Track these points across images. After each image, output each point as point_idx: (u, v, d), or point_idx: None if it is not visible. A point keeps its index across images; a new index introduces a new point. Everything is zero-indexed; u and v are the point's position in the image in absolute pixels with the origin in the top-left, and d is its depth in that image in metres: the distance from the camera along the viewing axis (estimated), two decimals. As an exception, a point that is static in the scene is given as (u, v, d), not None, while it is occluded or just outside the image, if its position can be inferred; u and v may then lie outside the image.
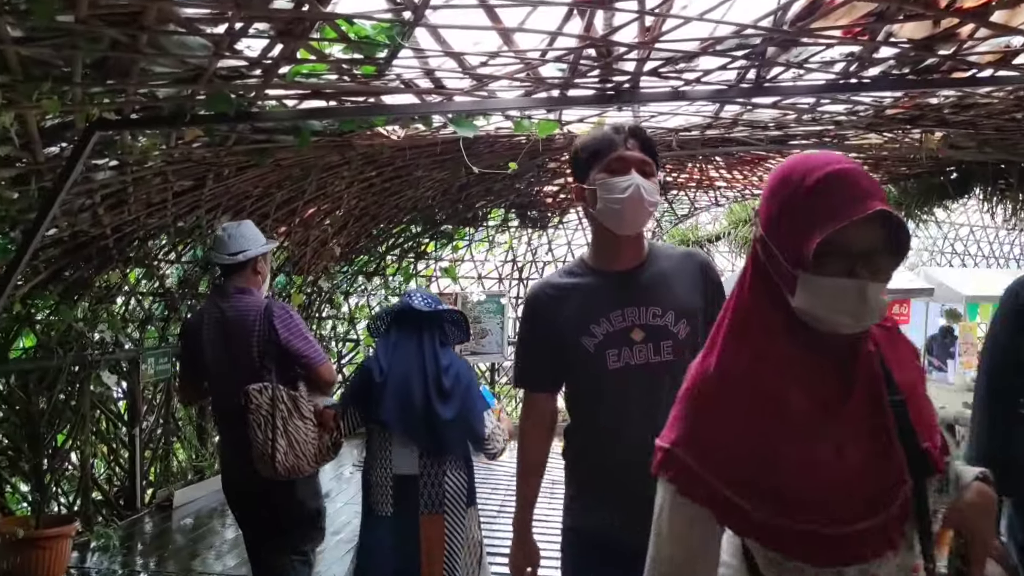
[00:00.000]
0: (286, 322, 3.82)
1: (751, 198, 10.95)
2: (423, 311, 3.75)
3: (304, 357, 3.85)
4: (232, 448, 3.86)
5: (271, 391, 3.68)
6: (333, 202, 8.87)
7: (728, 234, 11.52)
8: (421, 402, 3.60)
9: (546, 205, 11.67)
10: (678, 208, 12.19)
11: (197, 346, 3.90)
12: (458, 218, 11.29)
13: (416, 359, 3.68)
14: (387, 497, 3.63)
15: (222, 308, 3.87)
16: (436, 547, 3.59)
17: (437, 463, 3.64)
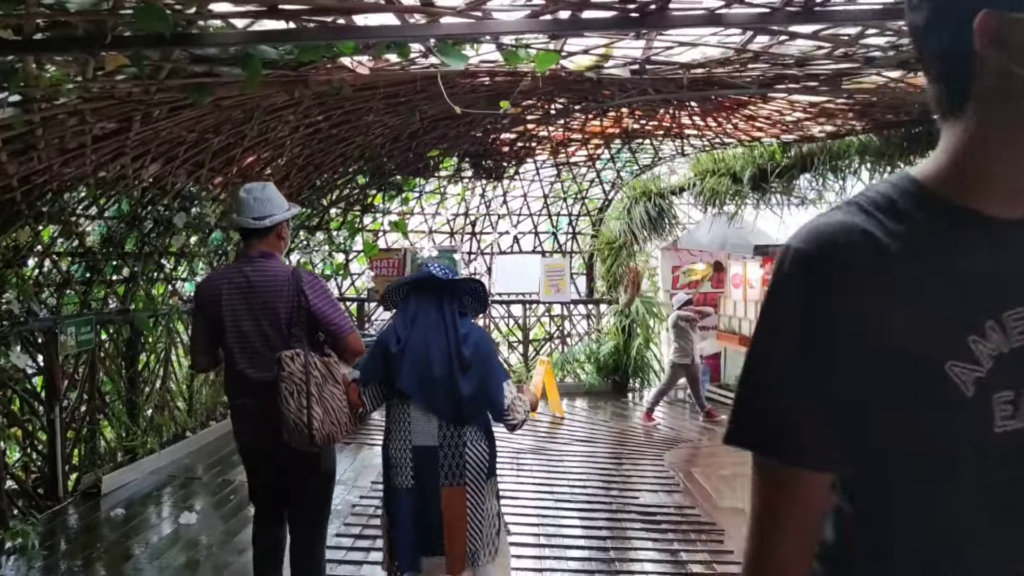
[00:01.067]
0: (316, 289, 3.71)
1: (719, 147, 10.36)
2: (442, 280, 3.69)
3: (334, 325, 3.75)
4: (257, 418, 3.69)
5: (304, 357, 3.55)
6: (275, 149, 7.99)
7: (692, 185, 10.95)
8: (441, 372, 3.57)
9: (502, 154, 10.92)
10: (641, 158, 11.54)
11: (216, 312, 3.73)
12: (408, 168, 10.48)
13: (436, 329, 3.63)
14: (407, 470, 3.60)
15: (246, 273, 3.73)
16: (458, 519, 3.58)
17: (457, 434, 3.62)
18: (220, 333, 3.76)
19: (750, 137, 9.41)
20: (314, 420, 3.52)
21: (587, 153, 11.14)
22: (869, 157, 8.83)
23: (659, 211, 11.54)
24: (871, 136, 8.71)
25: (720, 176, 10.37)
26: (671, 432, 10.27)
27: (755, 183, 9.85)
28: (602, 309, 13.36)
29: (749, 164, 9.88)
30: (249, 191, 3.83)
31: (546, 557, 5.47)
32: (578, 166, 11.80)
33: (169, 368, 8.23)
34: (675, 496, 7.37)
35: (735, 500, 7.39)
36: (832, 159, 9.11)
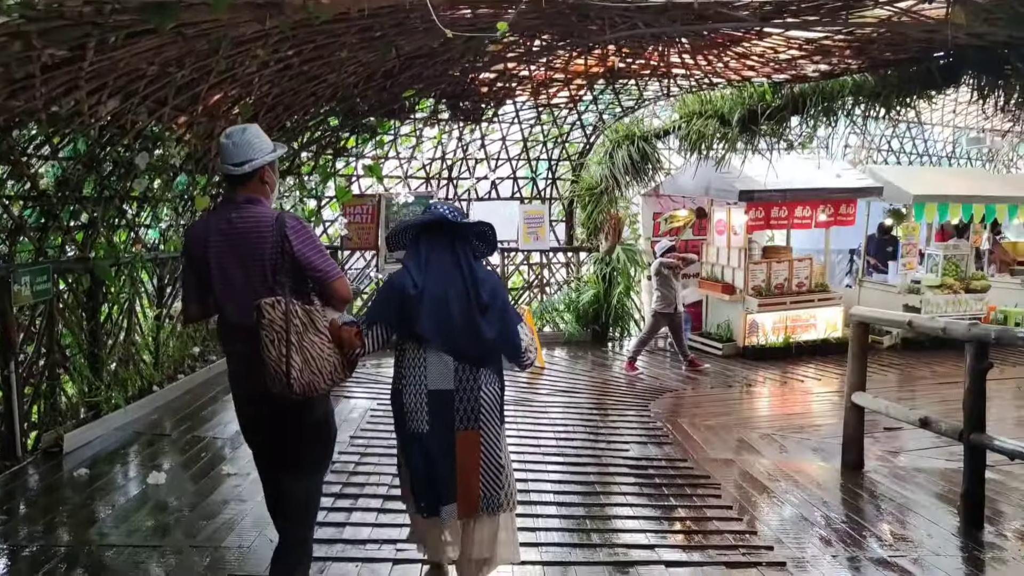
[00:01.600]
0: (300, 234, 3.55)
1: (707, 88, 9.98)
2: (454, 223, 3.66)
3: (319, 271, 3.60)
4: (244, 366, 3.62)
5: (284, 305, 3.46)
6: (243, 87, 7.50)
7: (678, 128, 10.57)
8: (461, 317, 3.58)
9: (480, 95, 10.47)
10: (624, 100, 11.13)
11: (202, 259, 3.62)
12: (382, 109, 10.00)
13: (453, 272, 3.64)
14: (422, 414, 3.63)
15: (231, 219, 3.59)
16: (472, 463, 3.63)
17: (473, 377, 3.64)
18: (207, 280, 3.66)
19: (740, 77, 9.05)
20: (292, 368, 3.43)
21: (569, 94, 10.71)
22: (863, 98, 8.52)
23: (642, 155, 11.19)
24: (866, 75, 8.39)
25: (707, 118, 10.01)
26: (655, 382, 10.05)
27: (744, 125, 9.51)
28: (582, 257, 13.05)
29: (738, 105, 9.53)
30: (229, 136, 3.68)
31: (538, 515, 5.20)
32: (559, 108, 11.37)
33: (133, 319, 7.81)
34: (665, 448, 7.15)
35: (726, 451, 7.19)
36: (825, 100, 8.79)
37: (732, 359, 11.46)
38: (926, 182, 12.87)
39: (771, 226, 11.96)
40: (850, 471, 6.60)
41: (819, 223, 12.20)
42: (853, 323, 6.69)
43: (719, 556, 4.61)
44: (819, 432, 8.06)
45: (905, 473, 6.67)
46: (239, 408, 3.78)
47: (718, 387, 9.94)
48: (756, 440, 7.63)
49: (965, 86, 7.75)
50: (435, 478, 3.65)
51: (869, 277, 13.38)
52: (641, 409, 8.67)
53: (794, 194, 11.57)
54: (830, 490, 6.15)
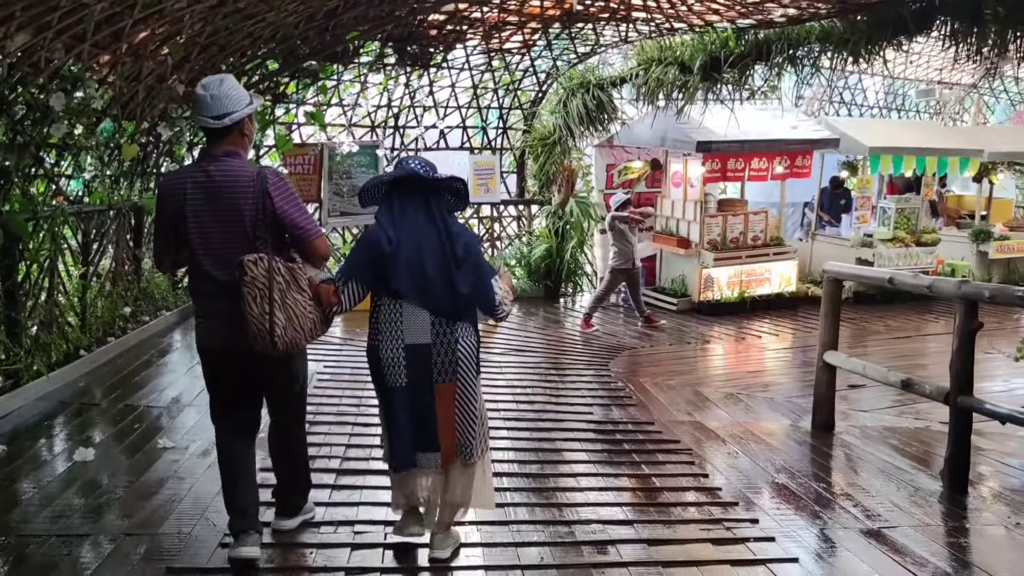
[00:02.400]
0: (282, 190, 3.57)
1: (667, 33, 9.56)
2: (427, 178, 3.66)
3: (300, 228, 3.62)
4: (221, 320, 3.60)
5: (267, 262, 3.47)
6: (172, 24, 6.86)
7: (636, 76, 10.14)
8: (437, 271, 3.61)
9: (429, 38, 9.90)
10: (580, 45, 10.64)
11: (178, 212, 3.58)
12: (325, 53, 9.37)
13: (427, 228, 3.65)
14: (400, 368, 3.66)
15: (209, 172, 3.56)
16: (450, 412, 3.69)
17: (449, 330, 3.67)
18: (183, 233, 3.60)
19: (703, 22, 8.65)
20: (276, 326, 3.46)
21: (522, 39, 10.19)
22: (830, 45, 8.19)
23: (598, 104, 10.77)
24: (834, 21, 8.05)
25: (667, 65, 9.61)
26: (612, 339, 9.76)
27: (706, 72, 9.13)
28: (534, 210, 12.63)
29: (700, 52, 9.14)
30: (206, 87, 3.60)
31: (505, 489, 4.84)
32: (511, 53, 10.84)
33: (56, 279, 7.18)
34: (629, 410, 6.85)
35: (692, 412, 6.92)
36: (790, 46, 8.44)
37: (687, 314, 11.24)
38: (881, 134, 12.72)
39: (727, 178, 11.68)
40: (821, 432, 6.38)
41: (775, 175, 11.96)
42: (827, 279, 6.42)
43: (703, 532, 4.31)
44: (782, 390, 7.86)
45: (876, 434, 6.48)
46: (211, 364, 3.76)
47: (676, 344, 9.70)
48: (721, 400, 7.38)
49: (937, 32, 7.47)
50: (415, 430, 3.70)
51: (822, 231, 13.25)
52: (600, 368, 8.37)
53: (752, 145, 11.30)
54: (805, 454, 5.93)
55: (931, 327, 11.12)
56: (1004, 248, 13.84)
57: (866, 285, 12.46)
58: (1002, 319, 11.45)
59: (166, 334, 8.67)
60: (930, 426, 6.81)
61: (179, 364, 7.59)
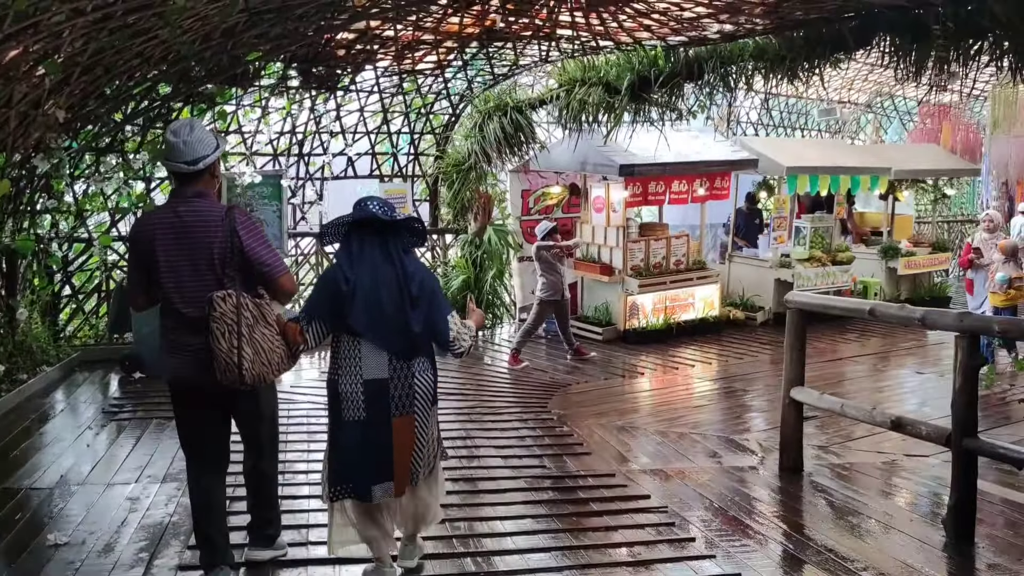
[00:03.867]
0: (249, 229, 3.75)
1: (591, 52, 9.10)
2: (384, 220, 3.75)
3: (267, 266, 3.77)
4: (190, 355, 3.73)
5: (235, 298, 3.62)
6: (49, 40, 5.94)
7: (557, 98, 9.66)
8: (392, 310, 3.74)
9: (337, 59, 9.16)
10: (498, 66, 10.09)
11: (150, 251, 3.73)
12: (222, 75, 8.52)
13: (384, 268, 3.76)
14: (359, 402, 3.76)
15: (180, 213, 3.72)
16: (406, 445, 3.80)
17: (407, 366, 3.80)
18: (155, 273, 3.74)
19: (632, 39, 8.23)
20: (244, 360, 3.58)
21: (437, 59, 9.57)
22: (764, 62, 7.88)
23: (516, 127, 10.23)
24: (769, 38, 7.75)
25: (591, 86, 9.16)
26: (543, 375, 9.18)
27: (634, 93, 8.72)
28: (448, 240, 11.98)
29: (627, 71, 8.72)
30: (177, 134, 3.76)
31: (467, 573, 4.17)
32: (424, 75, 10.20)
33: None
34: (585, 460, 6.27)
35: (650, 457, 6.40)
36: (723, 64, 8.10)
37: (613, 344, 10.78)
38: (796, 154, 12.63)
39: (649, 202, 11.32)
40: (790, 474, 5.96)
41: (696, 197, 11.69)
42: (791, 311, 6.01)
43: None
44: (734, 426, 7.43)
45: (848, 473, 6.09)
46: (181, 399, 3.86)
47: (612, 377, 9.20)
48: (675, 440, 6.88)
49: (877, 49, 7.23)
50: (370, 461, 3.76)
51: (739, 252, 13.06)
52: (539, 410, 7.77)
53: (674, 168, 10.98)
54: (785, 503, 5.47)
55: (852, 347, 11.02)
56: (911, 264, 13.98)
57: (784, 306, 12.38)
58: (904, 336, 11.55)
59: (48, 394, 7.64)
60: (896, 460, 6.49)
61: (66, 431, 6.61)
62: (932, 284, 14.52)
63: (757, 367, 9.70)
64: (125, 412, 7.18)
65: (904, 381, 9.29)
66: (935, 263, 14.47)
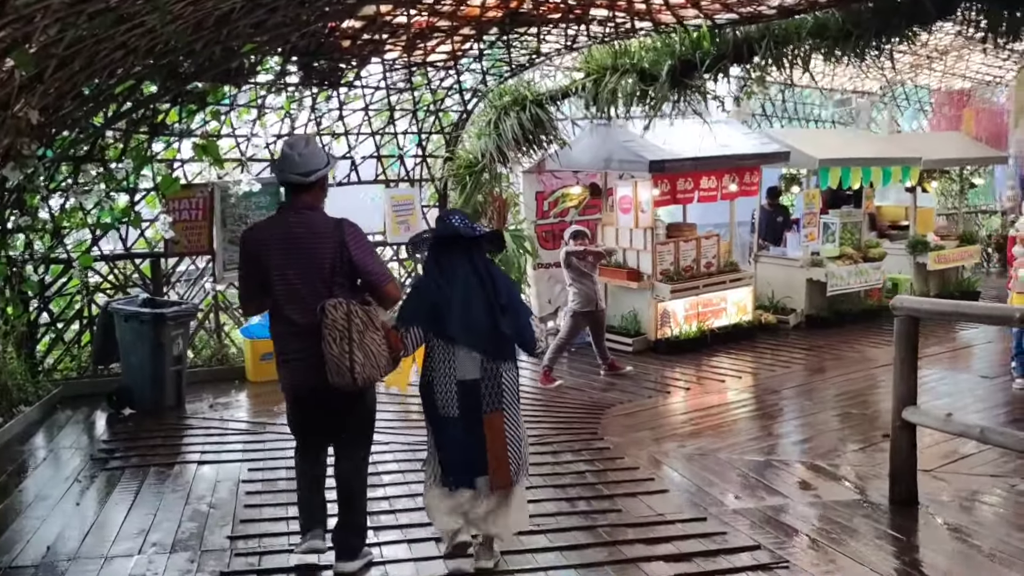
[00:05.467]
0: (358, 239, 4.07)
1: (624, 36, 8.23)
2: (469, 237, 4.13)
3: (374, 275, 4.08)
4: (304, 359, 3.97)
5: (346, 306, 3.86)
6: (18, 27, 4.99)
7: (582, 89, 8.78)
8: (485, 318, 4.08)
9: (341, 51, 8.24)
10: (517, 55, 9.19)
11: (263, 262, 3.99)
12: (215, 71, 7.57)
13: (472, 278, 4.10)
14: (453, 400, 4.10)
15: (291, 225, 4.01)
16: (499, 439, 4.11)
17: (495, 367, 4.13)
18: (267, 281, 4.01)
19: (676, 18, 7.37)
20: (356, 364, 3.85)
21: (451, 48, 8.66)
22: (825, 41, 7.04)
23: (536, 123, 9.34)
24: (832, 12, 6.92)
25: (623, 74, 8.30)
26: (582, 395, 8.28)
27: (675, 79, 7.86)
28: (460, 247, 11.05)
29: (666, 55, 7.86)
30: (293, 147, 4.07)
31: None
32: (435, 68, 9.28)
33: None
34: (663, 499, 5.38)
35: (740, 494, 5.51)
36: (777, 45, 7.26)
37: (644, 355, 9.91)
38: (827, 145, 11.85)
39: (678, 200, 10.46)
40: (904, 509, 5.12)
41: (726, 194, 10.85)
42: (900, 318, 5.15)
43: None
44: (816, 449, 6.56)
45: (972, 504, 5.25)
46: (294, 400, 4.23)
47: (655, 395, 8.33)
48: (757, 470, 6.01)
49: (957, 20, 6.42)
50: (467, 455, 4.06)
51: (765, 252, 12.24)
52: (590, 437, 6.89)
53: (705, 163, 10.14)
54: (912, 545, 4.61)
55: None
56: (941, 259, 13.23)
57: (816, 307, 11.62)
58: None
59: (26, 439, 6.68)
60: (1005, 482, 5.65)
61: (49, 486, 5.64)
62: (960, 279, 13.78)
63: (802, 377, 8.89)
64: (117, 458, 6.25)
65: (973, 387, 8.42)
66: (964, 256, 13.74)
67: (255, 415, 7.54)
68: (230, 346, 8.98)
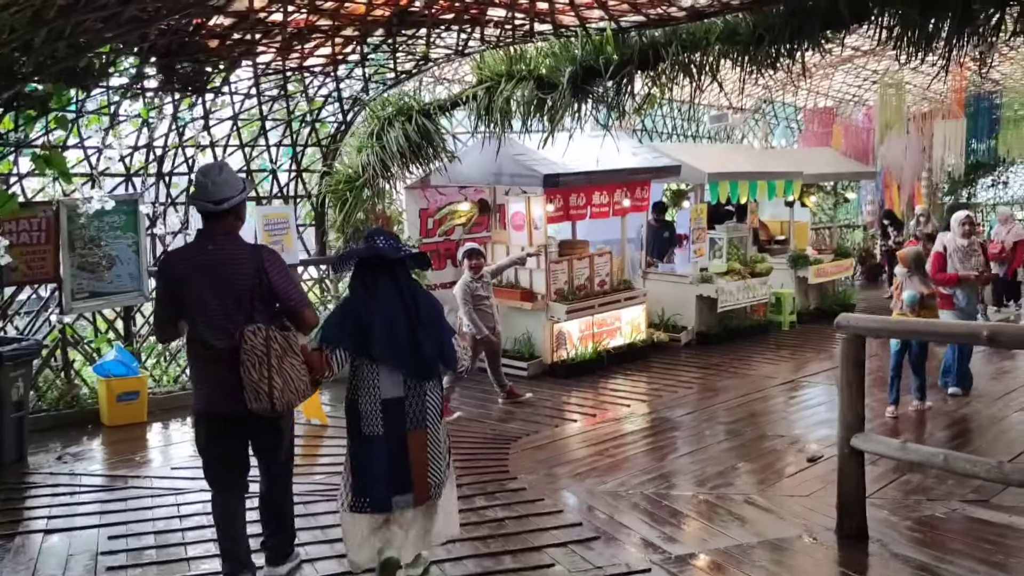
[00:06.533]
0: (276, 266, 4.10)
1: (520, 41, 7.71)
2: (393, 259, 4.17)
3: (292, 301, 4.12)
4: (220, 385, 3.98)
5: (265, 332, 3.89)
6: None
7: (473, 98, 8.18)
8: (407, 337, 4.11)
9: (208, 52, 7.35)
10: (404, 59, 8.48)
11: (180, 288, 4.02)
12: (58, 67, 6.54)
13: (395, 297, 4.14)
14: (377, 419, 4.11)
15: (209, 251, 4.03)
16: (421, 457, 4.15)
17: (419, 385, 4.18)
18: (184, 307, 4.05)
19: (579, 20, 6.89)
20: (275, 389, 3.87)
21: (331, 52, 7.89)
22: (735, 47, 6.73)
23: (423, 134, 8.69)
24: (742, 16, 6.60)
25: (519, 81, 7.76)
26: (482, 426, 7.66)
27: (576, 87, 7.37)
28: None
29: (566, 61, 7.37)
30: (206, 175, 4.08)
31: None
32: (313, 73, 8.47)
33: None
34: (604, 549, 4.80)
35: (683, 538, 5.00)
36: (684, 50, 6.89)
37: (541, 380, 9.39)
38: (715, 160, 11.71)
39: (571, 217, 10.02)
40: (855, 545, 4.74)
41: (618, 210, 10.51)
42: (846, 337, 4.77)
43: None
44: (744, 480, 6.15)
45: (930, 536, 4.92)
46: (208, 425, 4.15)
47: (562, 422, 7.80)
48: (692, 507, 5.55)
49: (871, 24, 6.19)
50: (388, 473, 4.08)
51: (655, 269, 11.99)
52: (502, 476, 6.27)
53: (599, 177, 9.76)
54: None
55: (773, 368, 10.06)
56: (821, 272, 13.39)
57: (707, 324, 11.44)
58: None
59: None
60: (957, 510, 5.37)
61: None
62: (836, 292, 13.99)
63: (709, 399, 8.56)
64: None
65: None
66: (841, 270, 13.98)
67: (113, 467, 6.51)
68: (81, 386, 7.85)
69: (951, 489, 5.64)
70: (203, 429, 4.16)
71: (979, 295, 8.57)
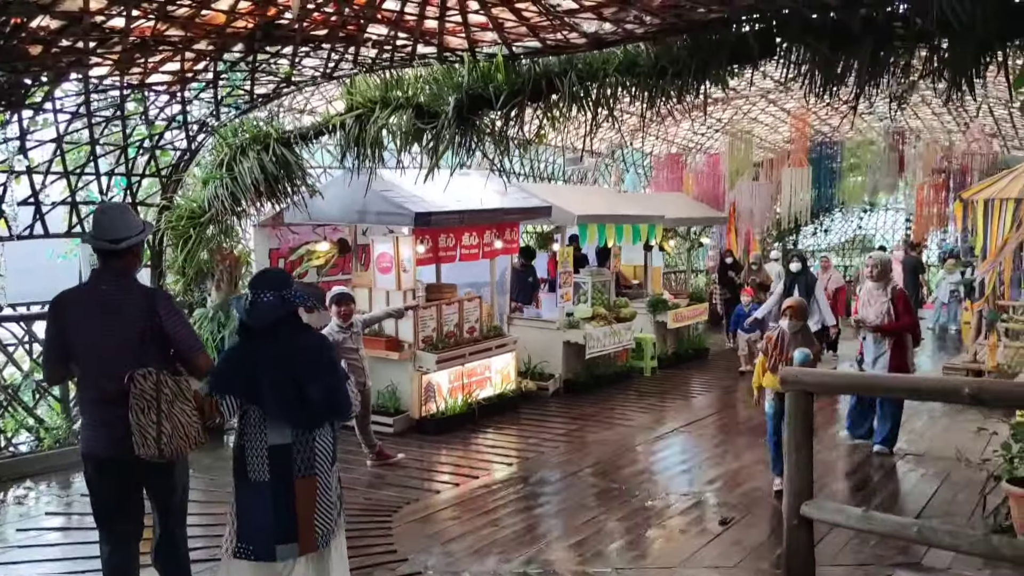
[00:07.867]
0: (170, 309, 4.04)
1: (399, 64, 7.01)
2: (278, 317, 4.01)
3: (185, 344, 4.06)
4: (108, 429, 3.89)
5: (156, 376, 3.82)
6: None
7: (342, 127, 7.37)
8: (292, 387, 3.91)
9: (29, 60, 6.18)
10: (260, 83, 7.55)
11: (71, 328, 3.94)
12: None
13: (284, 347, 3.94)
14: (263, 465, 3.95)
15: (102, 290, 3.99)
16: (309, 505, 3.98)
17: (306, 432, 4.01)
18: (74, 348, 3.94)
19: (469, 43, 6.27)
20: (163, 435, 3.79)
21: (178, 68, 6.87)
22: (634, 78, 6.32)
23: (281, 166, 7.79)
24: (642, 46, 6.20)
25: (395, 109, 7.04)
26: (355, 494, 6.73)
27: (462, 117, 6.73)
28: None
29: (450, 89, 6.72)
30: (105, 212, 4.07)
31: None
32: (156, 91, 7.39)
33: None
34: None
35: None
36: (581, 80, 6.41)
37: (409, 436, 8.61)
38: (582, 202, 11.37)
39: (440, 259, 9.36)
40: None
41: (488, 252, 9.92)
42: (794, 394, 4.31)
43: None
44: (663, 548, 5.60)
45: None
46: (96, 469, 4.02)
47: (443, 486, 7.05)
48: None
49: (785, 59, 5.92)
50: (274, 521, 3.89)
51: (520, 314, 11.46)
52: (393, 558, 5.42)
53: (471, 216, 9.15)
54: None
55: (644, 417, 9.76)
56: (679, 317, 13.32)
57: (574, 371, 11.02)
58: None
59: None
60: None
61: None
62: (692, 336, 13.96)
63: (583, 454, 8.06)
64: None
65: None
66: (696, 314, 13.95)
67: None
68: None
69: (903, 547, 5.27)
70: (89, 472, 4.05)
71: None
